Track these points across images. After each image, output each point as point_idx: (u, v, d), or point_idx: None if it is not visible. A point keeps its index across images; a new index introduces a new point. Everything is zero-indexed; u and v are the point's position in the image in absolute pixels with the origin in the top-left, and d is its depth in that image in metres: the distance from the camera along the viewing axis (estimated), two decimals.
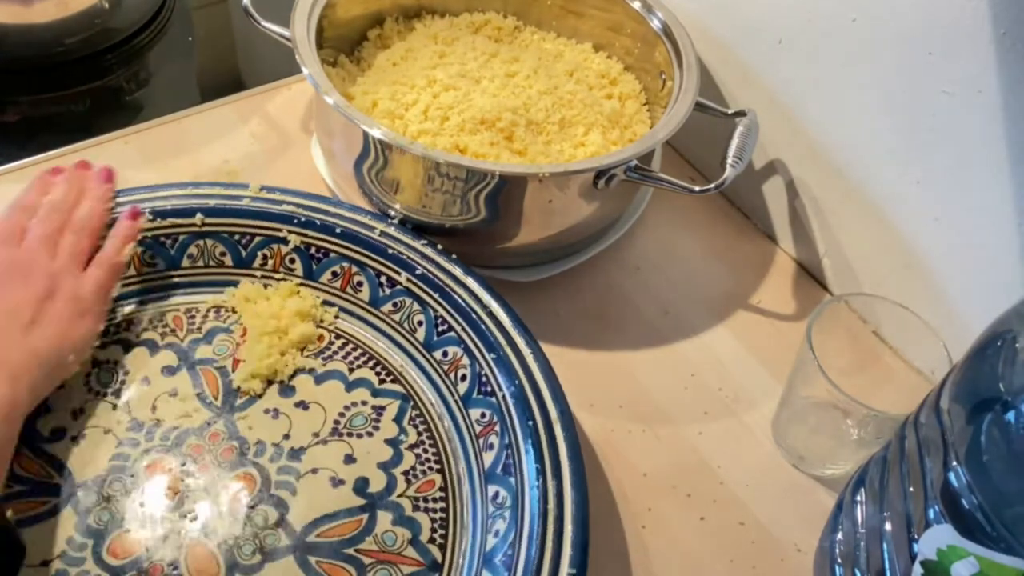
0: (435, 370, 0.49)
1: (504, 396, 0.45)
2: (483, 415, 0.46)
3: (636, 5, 0.61)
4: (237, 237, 0.51)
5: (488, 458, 0.45)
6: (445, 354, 0.49)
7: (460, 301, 0.48)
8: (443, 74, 0.57)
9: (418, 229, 0.53)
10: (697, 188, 0.51)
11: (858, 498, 0.42)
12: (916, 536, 0.35)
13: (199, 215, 0.51)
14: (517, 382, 0.45)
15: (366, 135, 0.50)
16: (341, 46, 0.62)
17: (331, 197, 0.54)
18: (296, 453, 0.46)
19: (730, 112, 0.57)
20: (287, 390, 0.48)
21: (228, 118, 0.65)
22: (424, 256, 0.50)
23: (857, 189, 0.55)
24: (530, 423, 0.44)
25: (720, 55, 0.61)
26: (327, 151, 0.59)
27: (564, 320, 0.56)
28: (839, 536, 0.43)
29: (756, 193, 0.63)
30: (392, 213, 0.53)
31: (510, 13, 0.66)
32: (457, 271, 0.50)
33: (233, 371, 0.48)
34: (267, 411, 0.47)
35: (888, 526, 0.38)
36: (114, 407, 0.46)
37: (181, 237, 0.51)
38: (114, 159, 0.61)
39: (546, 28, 0.66)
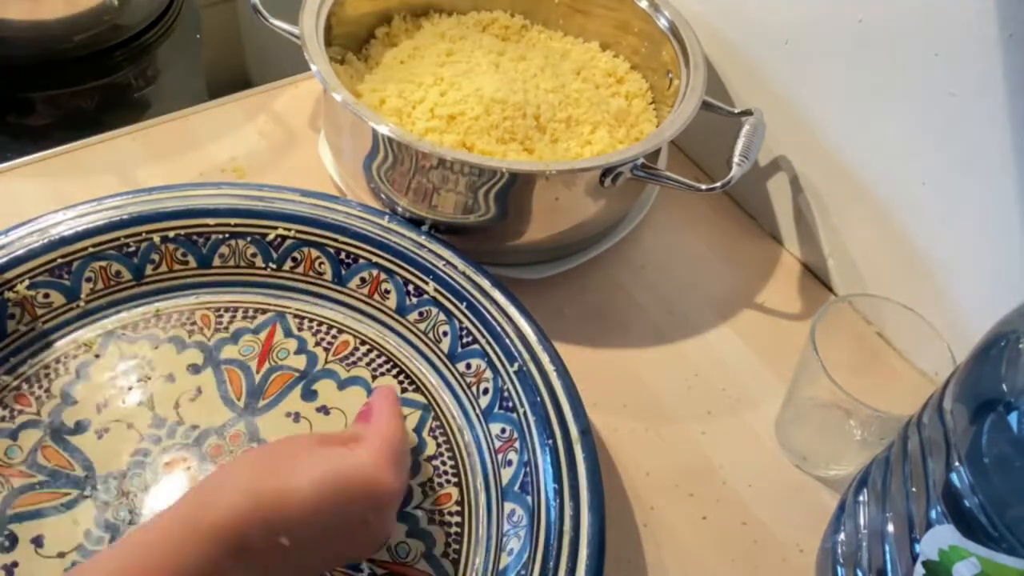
0: (458, 382, 0.49)
1: (525, 412, 0.45)
2: (503, 430, 0.46)
3: (643, 4, 0.61)
4: (270, 239, 0.51)
5: (506, 474, 0.44)
6: (468, 366, 0.48)
7: (486, 314, 0.48)
8: (450, 72, 0.57)
9: (436, 229, 0.53)
10: (703, 187, 0.51)
11: (860, 499, 0.42)
12: (918, 536, 0.35)
13: (231, 215, 0.51)
14: (538, 398, 0.45)
15: (374, 132, 0.50)
16: (349, 44, 0.62)
17: (364, 204, 0.53)
18: None
19: (736, 111, 0.57)
20: (309, 394, 0.48)
21: (235, 115, 0.65)
22: (452, 266, 0.50)
23: (863, 190, 0.55)
24: (549, 441, 0.43)
25: (727, 55, 0.61)
26: (335, 148, 0.59)
27: (568, 318, 0.56)
28: (841, 536, 0.43)
29: (761, 193, 0.63)
30: (424, 223, 0.53)
31: (517, 12, 0.66)
32: (485, 283, 0.49)
33: (258, 372, 0.48)
34: (288, 414, 0.47)
35: (890, 527, 0.38)
36: (138, 403, 0.46)
37: (213, 236, 0.51)
38: (121, 155, 0.61)
39: (553, 27, 0.67)
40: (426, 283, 0.50)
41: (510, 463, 0.44)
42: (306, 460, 0.34)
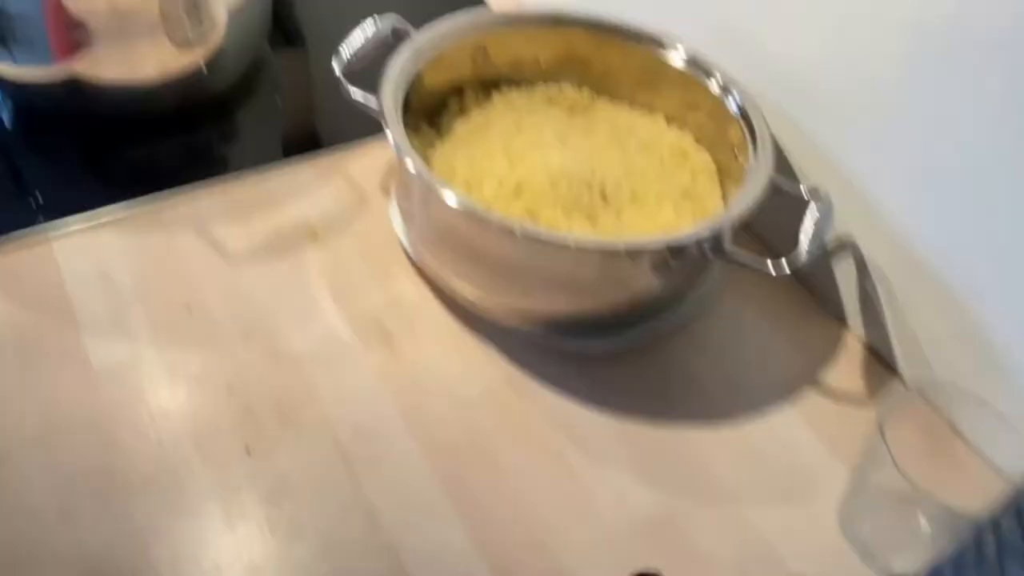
0: None
1: None
2: None
3: (712, 84, 0.61)
4: None
5: None
6: None
7: None
8: (519, 144, 0.59)
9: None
10: (773, 271, 0.51)
11: None
12: None
13: None
14: None
15: (444, 201, 0.52)
16: (422, 112, 0.63)
17: None
18: None
19: (804, 194, 0.57)
20: None
21: (309, 177, 0.67)
22: None
23: (933, 275, 0.54)
24: None
25: (793, 134, 0.61)
26: (405, 213, 0.60)
27: (629, 395, 0.56)
28: None
29: (826, 273, 0.62)
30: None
31: (585, 85, 0.67)
32: None
33: None
34: None
35: None
36: None
37: None
38: (200, 211, 0.64)
39: (620, 101, 0.67)
40: None
41: None
42: None
